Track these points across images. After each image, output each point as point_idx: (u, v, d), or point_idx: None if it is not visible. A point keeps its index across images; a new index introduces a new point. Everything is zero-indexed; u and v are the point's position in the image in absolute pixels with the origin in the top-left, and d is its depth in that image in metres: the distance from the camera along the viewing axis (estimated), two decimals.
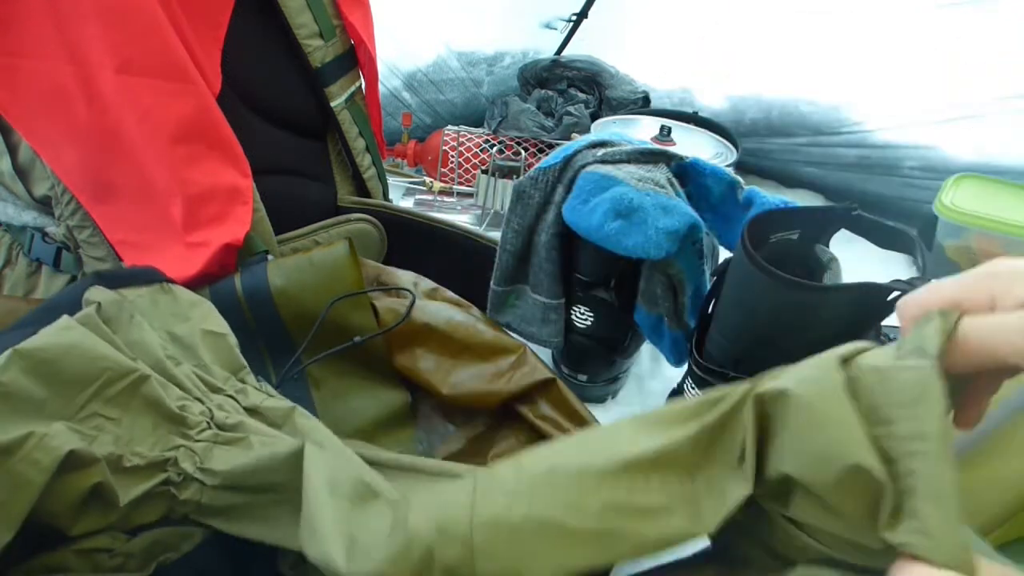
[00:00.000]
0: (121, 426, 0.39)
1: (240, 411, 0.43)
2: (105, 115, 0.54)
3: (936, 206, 0.93)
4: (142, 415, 0.40)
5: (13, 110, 0.55)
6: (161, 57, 0.54)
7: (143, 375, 0.40)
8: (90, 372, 0.38)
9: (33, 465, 0.34)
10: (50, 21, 0.52)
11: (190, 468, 0.39)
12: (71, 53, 0.53)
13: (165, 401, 0.40)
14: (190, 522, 0.40)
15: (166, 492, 0.39)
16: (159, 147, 0.54)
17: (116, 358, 0.39)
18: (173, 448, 0.39)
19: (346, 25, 0.77)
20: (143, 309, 0.47)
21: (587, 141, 0.70)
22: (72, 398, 0.38)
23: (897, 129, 1.08)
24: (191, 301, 0.50)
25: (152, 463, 0.39)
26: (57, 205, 0.60)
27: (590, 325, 0.72)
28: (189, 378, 0.43)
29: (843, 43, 1.08)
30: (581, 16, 1.39)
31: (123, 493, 0.38)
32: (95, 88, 0.53)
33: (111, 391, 0.39)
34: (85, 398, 0.38)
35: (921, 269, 0.57)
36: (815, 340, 0.55)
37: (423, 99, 1.35)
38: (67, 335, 0.39)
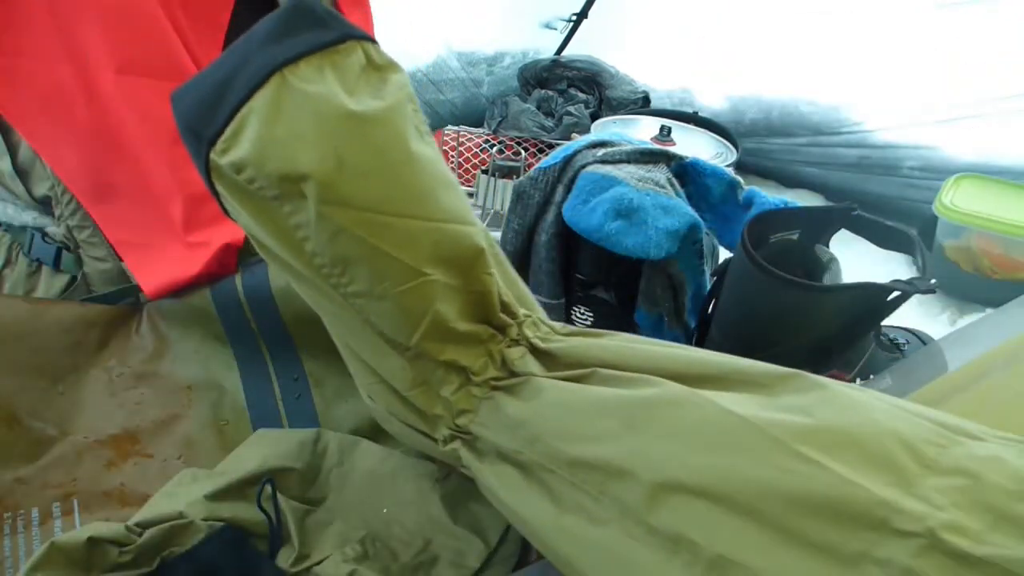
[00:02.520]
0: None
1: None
2: (105, 115, 0.54)
3: (936, 206, 0.93)
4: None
5: (13, 110, 0.55)
6: (161, 57, 0.54)
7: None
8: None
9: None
10: (50, 21, 0.52)
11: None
12: (71, 53, 0.53)
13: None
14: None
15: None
16: (159, 147, 0.54)
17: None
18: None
19: None
20: None
21: (587, 141, 0.70)
22: None
23: (897, 129, 1.08)
24: None
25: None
26: (57, 205, 0.60)
27: (590, 325, 0.72)
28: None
29: (843, 43, 1.08)
30: (581, 16, 1.39)
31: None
32: (95, 88, 0.53)
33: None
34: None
35: (921, 269, 0.57)
36: (815, 340, 0.55)
37: (423, 99, 1.35)
38: None
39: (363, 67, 0.35)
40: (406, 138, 0.35)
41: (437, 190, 0.36)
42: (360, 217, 0.33)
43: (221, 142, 0.33)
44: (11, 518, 0.47)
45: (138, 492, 0.50)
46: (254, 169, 0.32)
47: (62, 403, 0.53)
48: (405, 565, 0.45)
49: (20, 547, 0.46)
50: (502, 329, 0.39)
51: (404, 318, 0.36)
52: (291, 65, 0.33)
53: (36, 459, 0.50)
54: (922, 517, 0.26)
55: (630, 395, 0.34)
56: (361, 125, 0.33)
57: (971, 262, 0.92)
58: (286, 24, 0.34)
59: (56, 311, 0.55)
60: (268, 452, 0.49)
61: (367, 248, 0.34)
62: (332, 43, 0.34)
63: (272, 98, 0.33)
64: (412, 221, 0.35)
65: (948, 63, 0.99)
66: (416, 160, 0.35)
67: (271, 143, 0.32)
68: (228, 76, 0.34)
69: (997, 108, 0.96)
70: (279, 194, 0.33)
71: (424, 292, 0.36)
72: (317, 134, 0.32)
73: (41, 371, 0.53)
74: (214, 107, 0.34)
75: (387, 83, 0.36)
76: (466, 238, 0.37)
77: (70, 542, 0.39)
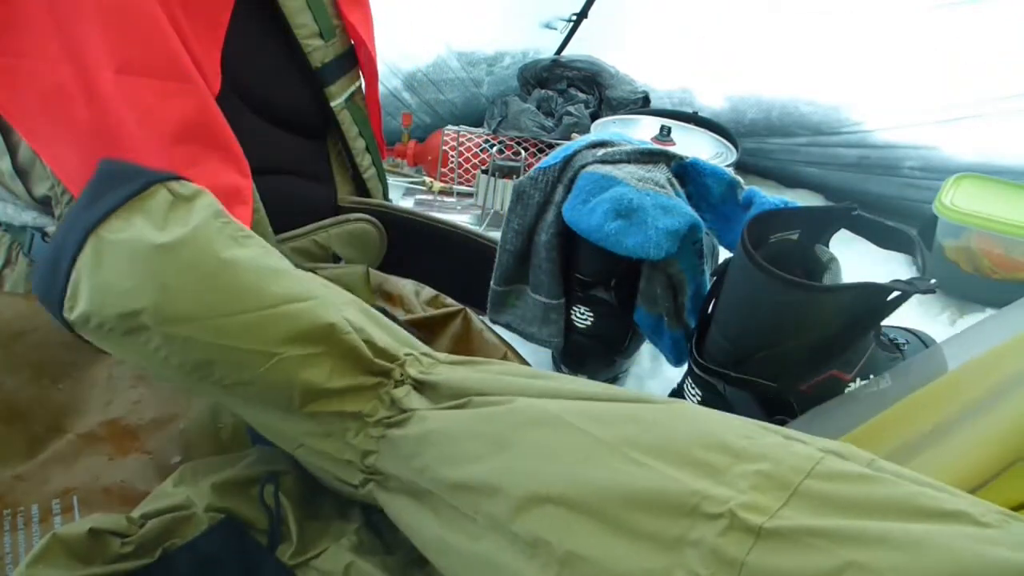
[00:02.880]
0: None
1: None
2: (105, 115, 0.54)
3: (936, 206, 0.93)
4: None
5: (13, 110, 0.55)
6: (161, 57, 0.54)
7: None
8: None
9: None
10: (50, 21, 0.52)
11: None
12: (71, 53, 0.53)
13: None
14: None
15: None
16: (159, 147, 0.54)
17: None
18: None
19: (346, 25, 0.77)
20: None
21: (587, 141, 0.70)
22: None
23: (897, 129, 1.08)
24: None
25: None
26: (57, 205, 0.60)
27: (590, 325, 0.72)
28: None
29: (843, 43, 1.08)
30: (581, 16, 1.39)
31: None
32: (95, 88, 0.53)
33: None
34: None
35: (921, 269, 0.58)
36: (815, 340, 0.55)
37: (423, 99, 1.35)
38: None
39: (170, 203, 0.42)
40: (215, 250, 0.41)
41: (263, 282, 0.42)
42: (199, 326, 0.39)
43: (66, 302, 0.39)
44: (11, 515, 0.47)
45: (138, 490, 0.50)
46: (98, 317, 0.38)
47: (62, 400, 0.53)
48: (400, 560, 0.45)
49: (20, 544, 0.46)
50: (385, 373, 0.44)
51: (277, 393, 0.41)
52: (103, 223, 0.39)
53: (35, 456, 0.50)
54: (725, 500, 0.30)
55: (496, 415, 0.38)
56: (170, 252, 0.39)
57: (971, 262, 0.92)
58: (97, 189, 0.41)
59: None
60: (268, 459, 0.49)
61: (217, 348, 0.40)
62: (136, 193, 0.41)
63: (92, 256, 0.39)
64: (244, 315, 0.40)
65: (948, 63, 0.99)
66: (229, 265, 0.41)
67: (101, 291, 0.38)
68: (59, 246, 0.40)
69: (997, 108, 0.96)
70: (127, 329, 0.39)
71: (283, 368, 0.41)
72: (136, 272, 0.38)
73: (41, 368, 0.53)
74: (54, 277, 0.39)
75: (193, 209, 0.42)
76: (307, 313, 0.42)
77: (72, 534, 0.39)
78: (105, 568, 0.40)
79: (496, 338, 0.61)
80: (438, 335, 0.62)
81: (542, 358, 0.80)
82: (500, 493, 0.36)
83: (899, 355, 0.64)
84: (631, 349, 0.76)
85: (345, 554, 0.43)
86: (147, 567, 0.41)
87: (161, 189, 0.42)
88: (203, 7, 0.60)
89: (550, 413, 0.37)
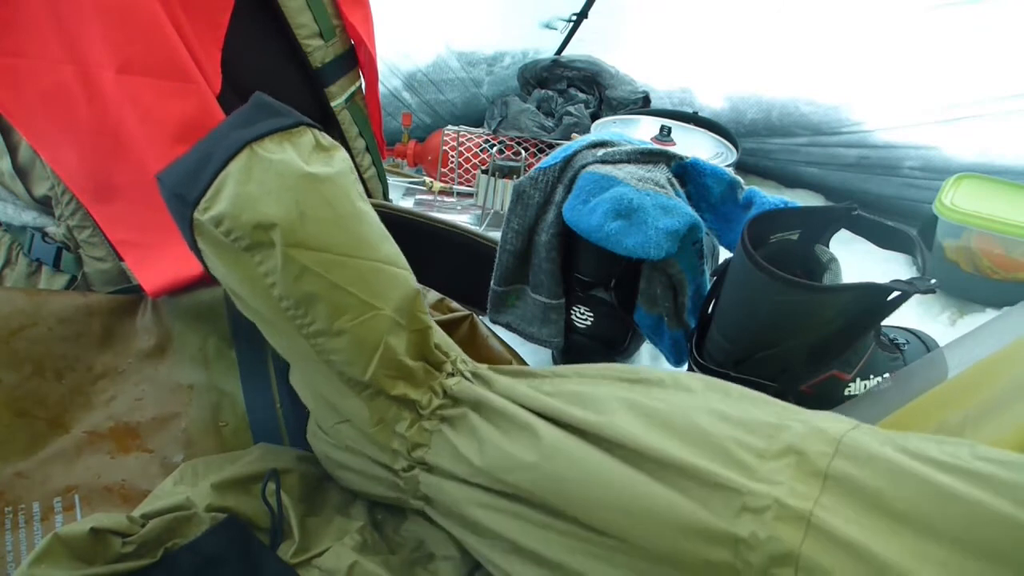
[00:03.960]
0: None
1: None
2: (106, 115, 0.54)
3: (936, 206, 0.93)
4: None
5: (14, 110, 0.55)
6: (162, 56, 0.54)
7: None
8: None
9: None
10: (51, 21, 0.52)
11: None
12: (72, 53, 0.53)
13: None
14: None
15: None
16: (160, 146, 0.54)
17: None
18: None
19: (346, 25, 0.77)
20: None
21: (587, 141, 0.70)
22: None
23: (897, 129, 1.08)
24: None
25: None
26: (57, 205, 0.60)
27: (590, 325, 0.72)
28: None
29: (843, 43, 1.08)
30: (581, 16, 1.39)
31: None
32: (96, 88, 0.53)
33: None
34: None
35: (921, 269, 0.58)
36: (815, 340, 0.55)
37: (423, 99, 1.35)
38: None
39: (313, 146, 0.44)
40: (352, 196, 0.44)
41: (380, 240, 0.45)
42: (319, 257, 0.41)
43: (203, 202, 0.40)
44: (12, 512, 0.47)
45: (139, 488, 0.50)
46: (231, 221, 0.40)
47: (64, 396, 0.53)
48: (404, 559, 0.45)
49: (22, 542, 0.46)
50: (438, 366, 0.47)
51: (359, 351, 0.43)
52: (258, 140, 0.41)
53: (37, 452, 0.50)
54: (766, 494, 0.33)
55: (536, 442, 0.40)
56: (316, 183, 0.41)
57: (971, 262, 0.92)
58: (252, 114, 0.44)
59: (56, 302, 0.55)
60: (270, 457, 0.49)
61: (326, 285, 0.41)
62: (289, 127, 0.43)
63: (244, 165, 0.40)
64: (361, 261, 0.43)
65: (948, 63, 0.99)
66: (361, 213, 0.44)
67: (244, 199, 0.39)
68: (207, 152, 0.41)
69: (997, 108, 0.96)
70: (251, 243, 0.40)
71: (376, 325, 0.43)
72: (281, 190, 0.40)
73: (42, 363, 0.53)
74: (196, 175, 0.41)
75: (333, 158, 0.45)
76: (404, 280, 0.45)
77: (73, 533, 0.39)
78: (107, 568, 0.40)
79: (501, 345, 0.61)
80: None
81: (542, 358, 0.80)
82: (549, 505, 0.38)
83: (899, 355, 0.64)
84: (631, 349, 0.76)
85: (348, 553, 0.43)
86: (149, 567, 0.41)
87: (309, 132, 0.45)
88: (203, 7, 0.60)
89: (570, 442, 0.39)
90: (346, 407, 0.45)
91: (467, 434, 0.43)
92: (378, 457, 0.45)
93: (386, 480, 0.46)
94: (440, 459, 0.43)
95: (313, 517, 0.47)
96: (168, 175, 0.42)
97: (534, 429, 0.40)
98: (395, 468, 0.45)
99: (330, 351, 0.43)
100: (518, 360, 0.61)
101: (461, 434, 0.43)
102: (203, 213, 0.40)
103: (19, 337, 0.52)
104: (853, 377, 0.58)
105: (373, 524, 0.48)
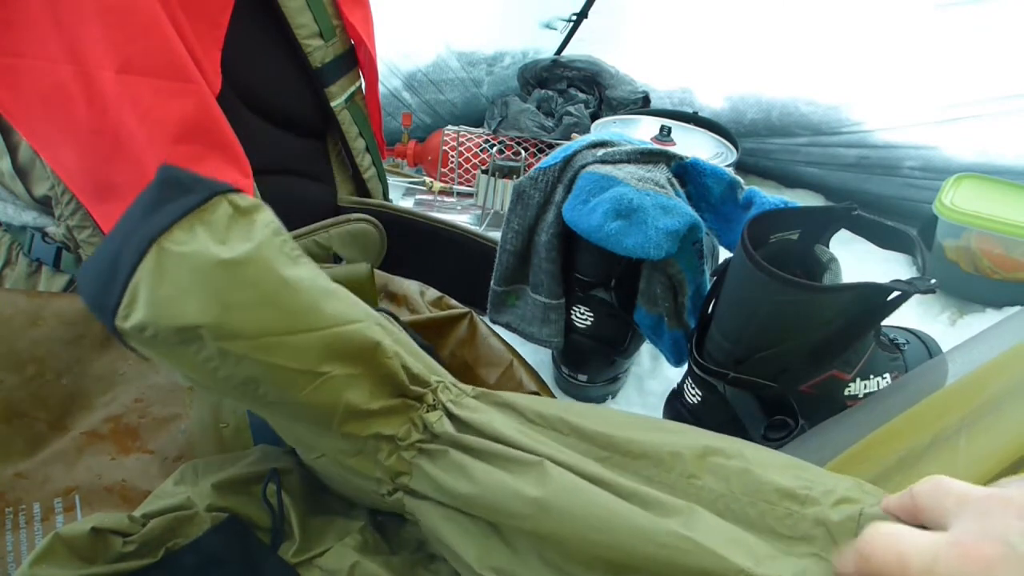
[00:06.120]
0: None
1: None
2: (106, 115, 0.54)
3: (936, 206, 0.93)
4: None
5: (14, 110, 0.55)
6: (161, 56, 0.54)
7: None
8: None
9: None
10: (50, 21, 0.52)
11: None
12: (71, 53, 0.53)
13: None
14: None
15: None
16: (160, 146, 0.54)
17: None
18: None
19: (346, 25, 0.77)
20: None
21: (587, 141, 0.70)
22: None
23: (897, 129, 1.08)
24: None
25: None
26: (57, 205, 0.60)
27: (590, 325, 0.72)
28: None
29: (843, 43, 1.08)
30: (581, 16, 1.39)
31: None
32: (96, 88, 0.53)
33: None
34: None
35: (921, 269, 0.57)
36: (815, 340, 0.55)
37: (423, 99, 1.35)
38: None
39: (230, 216, 0.41)
40: (276, 269, 0.41)
41: (318, 302, 0.42)
42: (255, 344, 0.39)
43: (121, 310, 0.38)
44: (12, 513, 0.47)
45: (140, 489, 0.50)
46: (153, 328, 0.38)
47: (63, 398, 0.53)
48: (405, 560, 0.45)
49: (22, 543, 0.46)
50: (419, 398, 0.45)
51: (320, 412, 0.42)
52: (165, 233, 0.38)
53: (37, 453, 0.50)
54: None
55: (524, 485, 0.40)
56: (233, 269, 0.39)
57: (971, 262, 0.92)
58: (157, 197, 0.40)
59: (57, 304, 0.55)
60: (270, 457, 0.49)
61: (268, 367, 0.40)
62: (199, 204, 0.40)
63: (154, 266, 0.38)
64: (300, 335, 0.41)
65: (948, 63, 0.99)
66: (289, 284, 0.41)
67: (161, 303, 0.38)
68: (116, 253, 0.39)
69: (997, 108, 0.96)
70: (182, 341, 0.38)
71: (329, 388, 0.41)
72: (198, 286, 0.38)
73: (42, 365, 0.53)
74: (109, 283, 0.39)
75: (254, 224, 0.42)
76: (356, 335, 0.43)
77: (74, 533, 0.39)
78: (108, 568, 0.40)
79: (501, 344, 0.61)
80: (443, 338, 0.62)
81: (542, 358, 0.80)
82: (550, 545, 0.38)
83: (899, 355, 0.64)
84: (631, 349, 0.76)
85: (350, 553, 0.43)
86: (150, 567, 0.41)
87: (223, 201, 0.41)
88: (203, 7, 0.60)
89: (574, 482, 0.39)
90: (322, 445, 0.45)
91: (449, 468, 0.42)
92: (362, 485, 0.45)
93: (376, 497, 0.46)
94: (421, 487, 0.43)
95: (314, 517, 0.47)
96: (84, 284, 0.40)
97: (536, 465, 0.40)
98: (380, 492, 0.45)
99: (291, 412, 0.42)
100: (520, 362, 0.61)
101: (440, 468, 0.43)
102: (124, 322, 0.38)
103: (21, 338, 0.52)
104: (853, 377, 0.59)
105: (374, 524, 0.47)
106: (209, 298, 0.38)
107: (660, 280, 0.66)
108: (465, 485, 0.41)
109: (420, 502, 0.44)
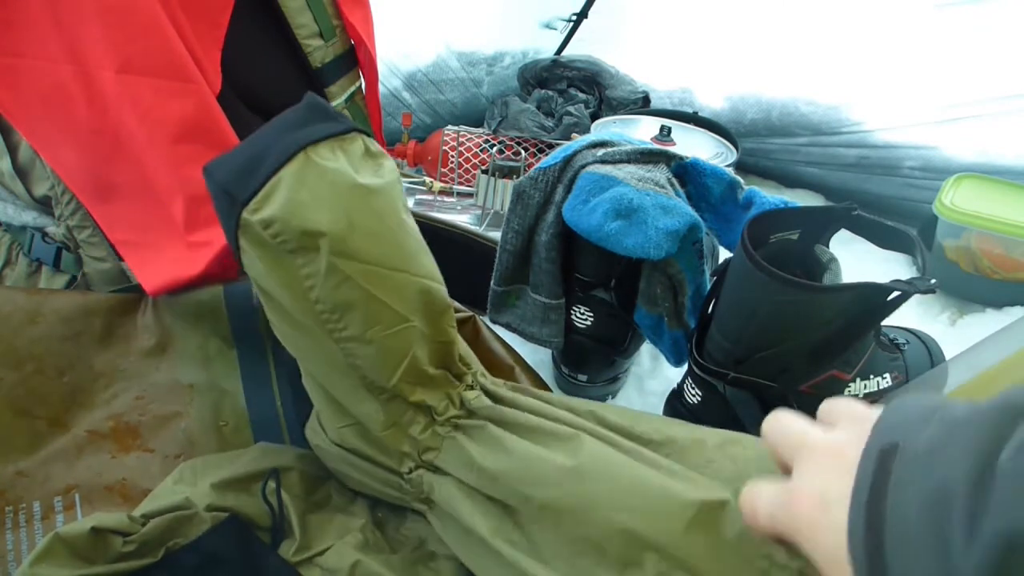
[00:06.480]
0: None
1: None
2: (106, 114, 0.54)
3: (936, 206, 0.93)
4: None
5: (14, 110, 0.55)
6: (162, 56, 0.54)
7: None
8: None
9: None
10: (50, 21, 0.52)
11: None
12: (71, 53, 0.53)
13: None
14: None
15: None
16: (160, 146, 0.54)
17: None
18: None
19: (346, 25, 0.77)
20: None
21: (587, 141, 0.70)
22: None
23: (897, 129, 1.08)
24: None
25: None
26: (57, 205, 0.60)
27: (590, 325, 0.72)
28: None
29: (843, 43, 1.08)
30: (581, 16, 1.39)
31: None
32: (96, 87, 0.53)
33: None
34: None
35: (921, 269, 0.57)
36: (815, 340, 0.55)
37: (423, 99, 1.35)
38: None
39: (364, 153, 0.44)
40: (399, 209, 0.44)
41: (420, 253, 0.45)
42: (363, 269, 0.41)
43: (254, 203, 0.40)
44: (12, 512, 0.47)
45: (140, 487, 0.50)
46: (281, 224, 0.39)
47: (64, 395, 0.53)
48: (405, 558, 0.45)
49: (23, 541, 0.46)
50: (460, 377, 0.47)
51: (387, 360, 0.43)
52: (313, 145, 0.41)
53: (37, 451, 0.50)
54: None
55: (562, 454, 0.41)
56: (367, 195, 0.41)
57: (971, 262, 0.92)
58: (306, 116, 0.43)
59: (57, 301, 0.55)
60: (270, 455, 0.49)
61: (365, 296, 0.41)
62: (341, 133, 0.43)
63: (298, 170, 0.40)
64: (402, 275, 0.43)
65: (948, 63, 0.99)
66: (406, 226, 0.44)
67: (297, 205, 0.39)
68: (260, 152, 0.41)
69: (997, 108, 0.96)
70: (296, 247, 0.40)
71: (406, 336, 0.43)
72: (333, 200, 0.40)
73: (42, 362, 0.53)
74: (249, 174, 0.40)
75: (382, 167, 0.45)
76: (439, 294, 0.45)
77: (74, 532, 0.39)
78: (108, 567, 0.40)
79: (504, 349, 0.61)
80: None
81: (542, 358, 0.80)
82: (585, 521, 0.38)
83: (899, 355, 0.64)
84: (631, 349, 0.76)
85: (350, 551, 0.43)
86: (150, 566, 0.41)
87: (359, 139, 0.44)
88: (203, 7, 0.60)
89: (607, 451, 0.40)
90: (360, 410, 0.45)
91: (485, 441, 0.43)
92: (384, 461, 0.46)
93: (389, 481, 0.46)
94: (448, 464, 0.44)
95: (314, 515, 0.47)
96: (218, 169, 0.42)
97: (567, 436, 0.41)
98: (400, 471, 0.45)
99: (358, 356, 0.43)
100: (519, 362, 0.61)
101: (477, 441, 0.44)
102: (253, 214, 0.40)
103: (20, 336, 0.52)
104: (853, 377, 0.59)
105: (375, 522, 0.48)
106: (341, 212, 0.40)
107: (660, 280, 0.66)
108: (499, 459, 0.42)
109: (442, 479, 0.44)
